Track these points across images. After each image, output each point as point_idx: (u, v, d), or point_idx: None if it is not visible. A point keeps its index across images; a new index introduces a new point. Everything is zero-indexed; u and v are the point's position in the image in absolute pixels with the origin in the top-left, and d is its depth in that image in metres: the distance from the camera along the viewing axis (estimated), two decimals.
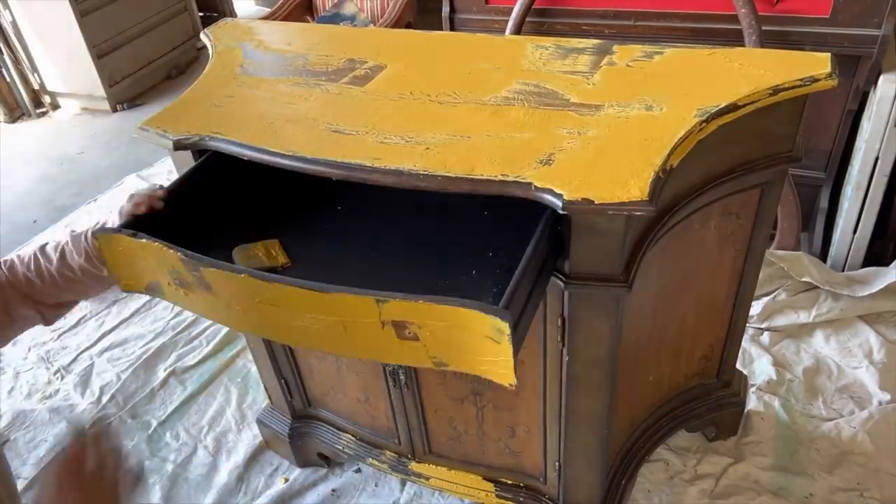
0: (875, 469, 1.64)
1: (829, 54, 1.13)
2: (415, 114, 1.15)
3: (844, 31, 1.92)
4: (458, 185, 0.99)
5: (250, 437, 1.89)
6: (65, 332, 2.33)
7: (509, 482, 1.48)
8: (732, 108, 1.05)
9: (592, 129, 1.05)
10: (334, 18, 3.29)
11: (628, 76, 1.18)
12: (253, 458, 1.83)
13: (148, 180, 3.15)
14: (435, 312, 0.86)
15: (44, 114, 4.02)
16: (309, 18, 3.49)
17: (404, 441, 1.52)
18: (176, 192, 1.14)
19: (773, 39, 2.00)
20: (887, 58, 1.93)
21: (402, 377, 1.36)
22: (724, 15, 2.05)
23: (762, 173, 1.22)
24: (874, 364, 1.87)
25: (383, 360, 1.05)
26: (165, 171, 3.19)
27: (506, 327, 0.82)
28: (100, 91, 3.87)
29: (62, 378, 2.14)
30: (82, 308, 2.42)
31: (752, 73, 1.12)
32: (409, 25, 3.28)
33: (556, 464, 1.35)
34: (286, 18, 3.33)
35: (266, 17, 3.35)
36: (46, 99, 4.01)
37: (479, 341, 0.86)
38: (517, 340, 0.86)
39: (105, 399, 2.04)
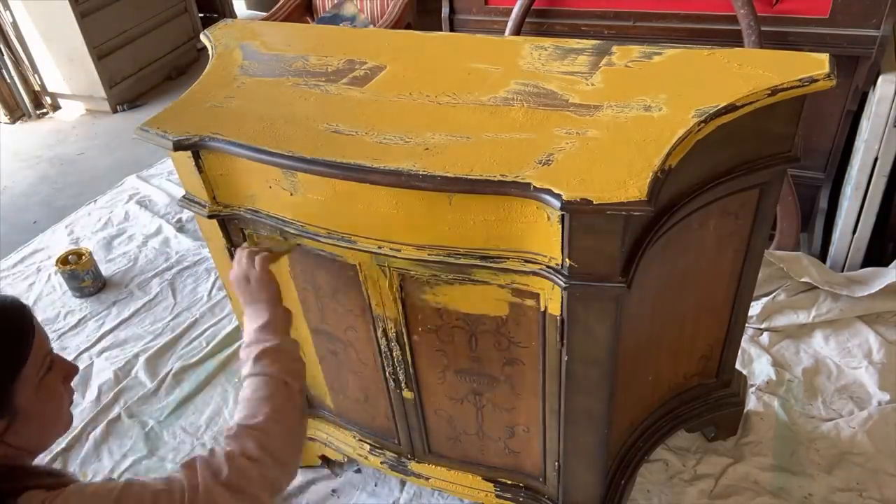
0: (874, 469, 1.64)
1: (828, 55, 1.13)
2: (414, 114, 1.15)
3: (843, 32, 1.93)
4: (457, 185, 0.99)
5: None
6: (65, 333, 2.33)
7: (509, 482, 1.48)
8: (731, 108, 1.05)
9: (591, 130, 1.05)
10: (334, 19, 3.29)
11: (627, 77, 1.19)
12: None
13: (148, 181, 3.15)
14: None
15: (44, 114, 4.03)
16: (309, 19, 3.49)
17: (404, 441, 1.52)
18: None
19: (772, 40, 2.00)
20: (886, 58, 1.93)
21: (401, 377, 1.36)
22: (723, 16, 2.05)
23: (761, 173, 1.22)
24: (873, 364, 1.87)
25: (450, 242, 1.09)
26: (165, 172, 3.20)
27: None
28: (100, 92, 3.87)
29: None
30: (82, 308, 2.43)
31: (750, 73, 1.12)
32: (408, 26, 3.29)
33: (556, 464, 1.35)
34: (286, 19, 3.34)
35: (266, 18, 3.36)
36: (47, 100, 4.01)
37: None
38: None
39: (105, 398, 2.04)
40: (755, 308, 2.03)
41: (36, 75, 3.92)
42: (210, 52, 1.45)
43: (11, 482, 0.85)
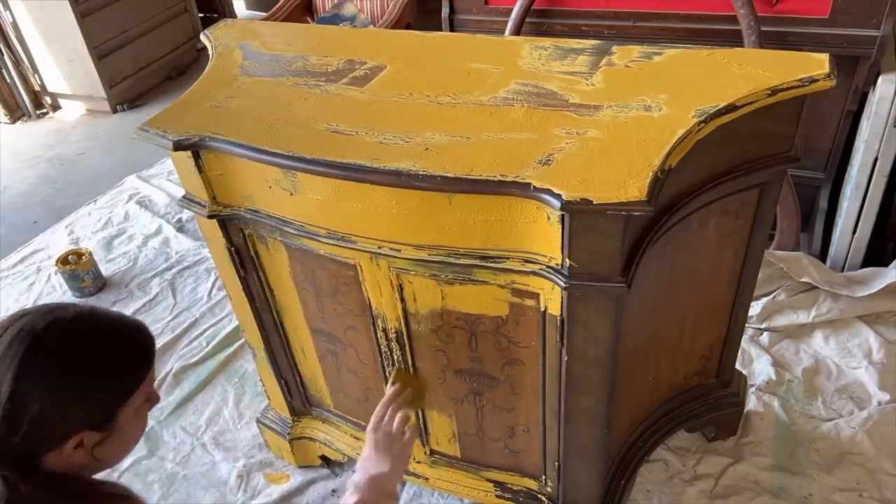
0: (874, 469, 1.64)
1: (828, 55, 1.13)
2: (414, 114, 1.15)
3: (843, 32, 1.93)
4: (457, 185, 0.99)
5: (249, 436, 1.89)
6: None
7: (509, 482, 1.48)
8: (731, 108, 1.05)
9: (591, 130, 1.05)
10: (334, 19, 3.29)
11: (627, 77, 1.19)
12: (252, 458, 1.83)
13: (148, 181, 3.15)
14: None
15: (44, 114, 4.03)
16: (309, 19, 3.50)
17: None
18: None
19: (772, 40, 2.00)
20: (886, 58, 1.93)
21: None
22: (723, 16, 2.06)
23: (761, 173, 1.22)
24: (873, 364, 1.87)
25: (450, 242, 1.09)
26: (165, 172, 3.20)
27: None
28: (100, 92, 3.87)
29: None
30: None
31: (750, 73, 1.12)
32: (408, 26, 3.29)
33: (556, 464, 1.35)
34: (286, 19, 3.34)
35: (266, 18, 3.36)
36: (47, 100, 4.02)
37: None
38: None
39: None
40: (755, 308, 2.03)
41: (36, 75, 3.92)
42: (210, 52, 1.45)
43: (77, 499, 0.89)
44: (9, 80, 3.88)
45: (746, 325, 1.71)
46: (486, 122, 1.10)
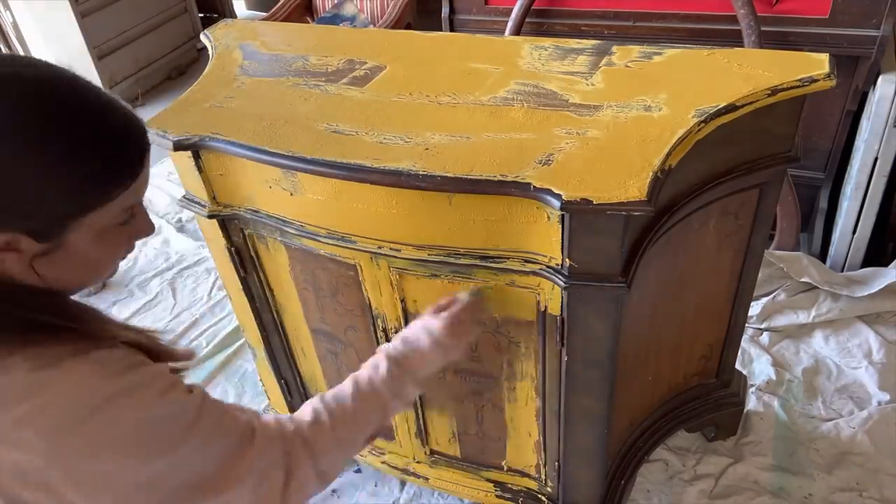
0: (874, 469, 1.64)
1: (828, 55, 1.13)
2: (414, 114, 1.15)
3: (843, 32, 1.93)
4: (457, 185, 0.99)
5: None
6: None
7: (509, 482, 1.48)
8: (731, 108, 1.05)
9: (591, 130, 1.05)
10: (334, 19, 3.29)
11: (627, 77, 1.19)
12: None
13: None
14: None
15: None
16: (309, 19, 3.49)
17: (404, 441, 1.52)
18: None
19: (772, 40, 2.01)
20: (886, 58, 1.93)
21: None
22: (723, 16, 2.06)
23: (761, 173, 1.22)
24: (873, 364, 1.87)
25: (450, 242, 1.08)
26: (165, 172, 3.20)
27: None
28: None
29: None
30: None
31: (750, 73, 1.12)
32: (408, 26, 3.29)
33: (556, 464, 1.35)
34: (286, 19, 3.34)
35: (266, 18, 3.36)
36: None
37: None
38: None
39: None
40: (755, 308, 2.03)
41: None
42: (210, 52, 1.45)
43: (86, 324, 0.70)
44: None
45: (746, 325, 1.71)
46: (486, 122, 1.10)
